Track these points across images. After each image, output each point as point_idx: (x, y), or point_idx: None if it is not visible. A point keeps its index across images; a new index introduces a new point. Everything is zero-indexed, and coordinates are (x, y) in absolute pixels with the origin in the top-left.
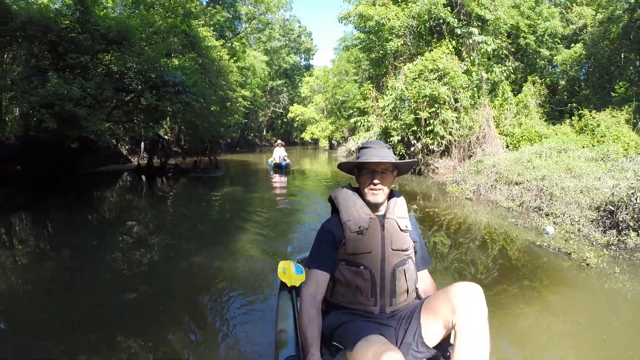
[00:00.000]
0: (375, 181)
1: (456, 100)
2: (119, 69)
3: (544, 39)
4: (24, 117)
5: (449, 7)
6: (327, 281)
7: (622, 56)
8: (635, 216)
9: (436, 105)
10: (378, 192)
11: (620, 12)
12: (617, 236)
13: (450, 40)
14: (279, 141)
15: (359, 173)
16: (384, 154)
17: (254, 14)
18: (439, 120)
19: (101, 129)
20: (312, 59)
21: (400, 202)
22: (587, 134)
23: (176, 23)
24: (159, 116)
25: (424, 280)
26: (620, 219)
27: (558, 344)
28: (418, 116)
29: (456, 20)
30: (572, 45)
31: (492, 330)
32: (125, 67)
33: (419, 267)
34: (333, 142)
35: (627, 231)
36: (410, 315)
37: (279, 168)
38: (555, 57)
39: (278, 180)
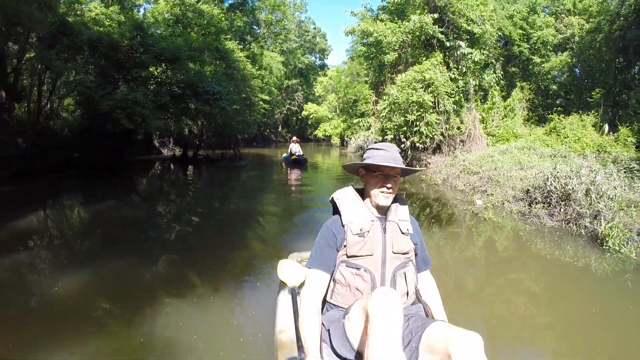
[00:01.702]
0: (389, 185)
1: (442, 105)
2: (169, 80)
3: (537, 47)
4: (104, 115)
5: (439, 23)
6: (327, 282)
7: (605, 63)
8: (544, 194)
9: (421, 110)
10: (389, 196)
11: (606, 22)
12: (527, 207)
13: (440, 52)
14: (294, 137)
15: (368, 174)
16: (399, 159)
17: (272, 20)
18: (424, 122)
19: (160, 125)
20: (327, 58)
21: (402, 205)
22: (554, 135)
23: (210, 41)
24: (192, 115)
25: (426, 281)
26: (534, 197)
27: (453, 260)
28: (407, 118)
29: (444, 36)
30: (558, 54)
31: None
32: (176, 79)
33: (421, 268)
34: (345, 139)
35: (535, 205)
36: (410, 335)
37: (297, 163)
38: (543, 65)
39: (293, 173)
